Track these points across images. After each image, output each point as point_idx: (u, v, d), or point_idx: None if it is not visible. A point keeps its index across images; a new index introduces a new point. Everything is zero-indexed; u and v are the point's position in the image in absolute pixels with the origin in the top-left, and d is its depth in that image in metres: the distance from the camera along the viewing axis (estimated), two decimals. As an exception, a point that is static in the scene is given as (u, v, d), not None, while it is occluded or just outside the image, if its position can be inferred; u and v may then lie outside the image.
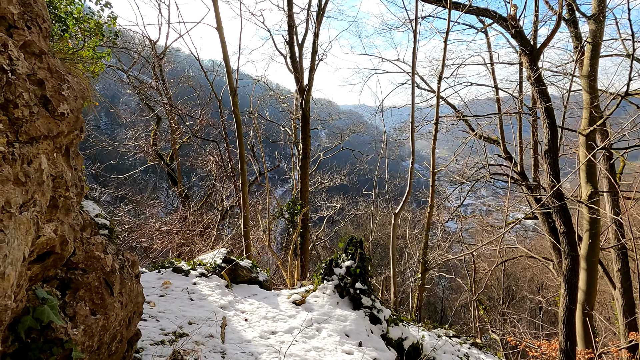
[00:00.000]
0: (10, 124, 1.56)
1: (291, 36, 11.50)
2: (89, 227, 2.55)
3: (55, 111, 1.87)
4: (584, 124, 13.39)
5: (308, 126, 11.35)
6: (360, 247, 6.81)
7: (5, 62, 1.56)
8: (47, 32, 2.02)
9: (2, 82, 1.52)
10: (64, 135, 1.95)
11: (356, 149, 29.01)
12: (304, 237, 10.41)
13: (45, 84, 1.82)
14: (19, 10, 1.77)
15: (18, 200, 1.51)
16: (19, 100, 1.61)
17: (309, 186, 11.93)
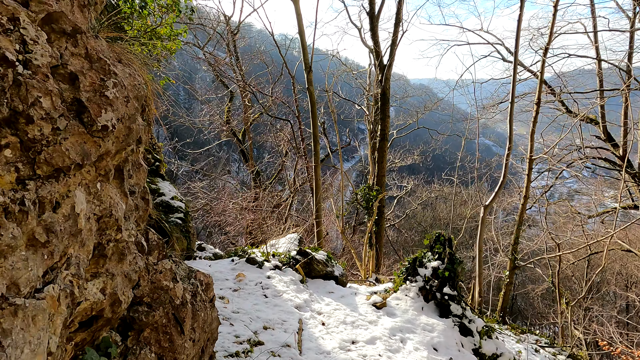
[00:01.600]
0: (22, 149, 1.07)
1: (372, 6, 10.51)
2: (156, 249, 2.12)
3: (93, 124, 1.34)
4: None
5: (387, 105, 10.47)
6: (450, 246, 6.03)
7: (11, 49, 1.05)
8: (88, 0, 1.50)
9: (7, 82, 1.02)
10: (110, 156, 1.46)
11: (429, 126, 27.45)
12: (379, 225, 9.76)
13: (80, 81, 1.30)
14: None
15: (34, 274, 1.03)
16: (35, 110, 1.10)
17: (385, 169, 11.18)
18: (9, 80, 1.03)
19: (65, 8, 1.32)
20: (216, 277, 5.54)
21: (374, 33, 10.71)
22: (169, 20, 9.10)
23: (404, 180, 23.60)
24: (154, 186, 7.11)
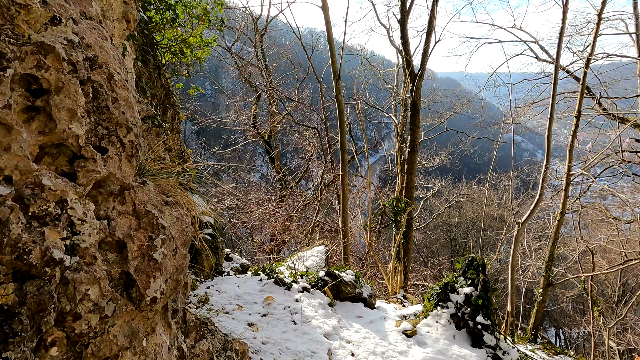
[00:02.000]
0: (68, 344, 1.00)
1: (403, 14, 10.22)
2: (194, 329, 2.07)
3: (142, 299, 1.27)
4: None
5: (418, 116, 10.21)
6: (483, 272, 5.84)
7: (59, 243, 0.99)
8: (136, 146, 1.46)
9: (54, 283, 0.97)
10: (158, 314, 1.40)
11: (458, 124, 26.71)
12: (408, 238, 9.58)
13: (128, 248, 1.26)
14: (87, 127, 1.25)
15: None
16: (83, 305, 1.04)
17: (415, 181, 10.94)
18: (56, 280, 0.99)
19: (114, 167, 1.28)
20: (245, 299, 5.54)
21: (404, 42, 10.43)
22: (199, 29, 9.14)
23: (430, 181, 23.17)
24: (183, 201, 7.18)
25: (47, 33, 1.24)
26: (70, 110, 1.22)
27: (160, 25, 8.80)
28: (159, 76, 8.86)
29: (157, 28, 8.81)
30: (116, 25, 6.43)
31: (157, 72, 8.79)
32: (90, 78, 1.37)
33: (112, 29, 6.39)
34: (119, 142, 1.40)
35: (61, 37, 1.26)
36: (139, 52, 7.62)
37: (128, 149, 1.45)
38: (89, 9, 1.60)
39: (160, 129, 6.93)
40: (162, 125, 6.97)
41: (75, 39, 1.32)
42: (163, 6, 8.49)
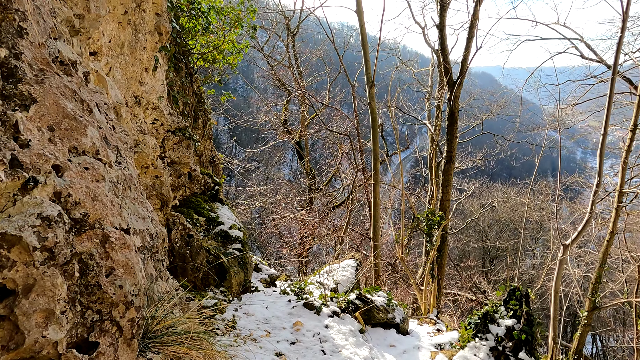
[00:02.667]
0: None
1: (442, 18, 9.69)
2: None
3: None
4: None
5: (455, 126, 9.73)
6: (527, 304, 5.45)
7: None
8: (138, 322, 1.24)
9: None
10: None
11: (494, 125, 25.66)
12: (442, 253, 9.18)
13: None
14: (71, 323, 1.00)
15: None
16: None
17: (450, 193, 10.48)
18: None
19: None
20: (273, 323, 5.39)
21: (443, 48, 9.91)
22: (231, 36, 9.02)
23: (464, 183, 22.42)
24: (213, 214, 7.09)
25: (15, 211, 1.03)
26: (46, 310, 1.01)
27: (193, 33, 8.73)
28: (190, 83, 8.80)
29: (190, 35, 8.75)
30: (148, 39, 6.34)
31: (189, 80, 8.74)
32: (77, 252, 1.17)
33: (145, 42, 6.30)
34: (114, 326, 1.20)
35: (33, 216, 1.05)
36: (171, 61, 7.56)
37: (127, 332, 1.24)
38: (82, 141, 1.34)
39: (191, 141, 6.85)
40: (192, 137, 6.90)
41: (53, 211, 1.10)
42: (195, 13, 8.40)
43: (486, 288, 19.29)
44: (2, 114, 1.01)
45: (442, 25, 9.79)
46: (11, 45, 1.09)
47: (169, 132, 6.69)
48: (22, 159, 1.06)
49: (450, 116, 9.62)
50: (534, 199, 32.38)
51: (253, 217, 21.27)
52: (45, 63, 1.19)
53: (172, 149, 6.71)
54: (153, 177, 5.48)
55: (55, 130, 1.16)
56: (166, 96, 6.87)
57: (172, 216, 5.68)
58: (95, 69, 3.99)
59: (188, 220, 6.37)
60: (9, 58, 1.08)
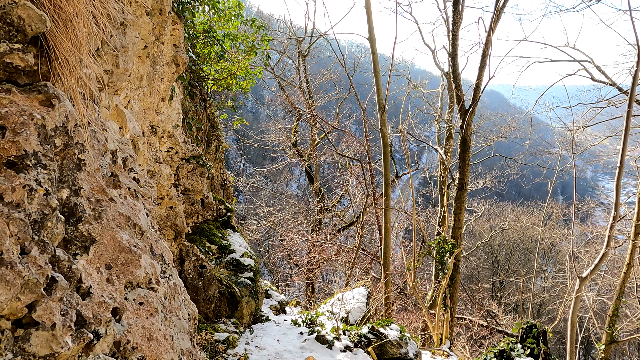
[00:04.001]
0: None
1: (454, 46, 9.76)
2: None
3: None
4: None
5: (468, 153, 9.70)
6: (544, 342, 5.32)
7: None
8: None
9: None
10: None
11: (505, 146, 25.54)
12: (454, 281, 9.03)
13: None
14: None
15: None
16: None
17: (463, 220, 10.39)
18: None
19: None
20: (285, 358, 5.32)
21: (455, 76, 9.95)
22: (244, 63, 9.15)
23: (473, 204, 22.23)
24: (225, 242, 7.08)
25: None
26: None
27: (208, 59, 8.88)
28: (204, 109, 8.91)
29: (205, 61, 8.89)
30: (166, 70, 6.45)
31: (203, 105, 8.85)
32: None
33: (162, 73, 6.41)
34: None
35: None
36: (186, 89, 7.67)
37: None
38: (137, 273, 1.31)
39: (205, 168, 6.90)
40: (206, 164, 6.94)
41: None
42: (211, 41, 8.55)
43: (497, 311, 18.93)
44: (67, 270, 1.02)
45: (454, 53, 9.86)
46: (71, 182, 1.11)
47: (184, 160, 6.74)
48: (85, 313, 1.06)
49: (462, 144, 9.60)
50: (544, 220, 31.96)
51: (262, 237, 21.23)
52: (100, 191, 1.21)
53: (186, 177, 6.76)
54: (168, 208, 5.50)
55: (113, 268, 1.17)
56: (181, 124, 6.95)
57: (185, 247, 5.68)
58: (115, 103, 4.06)
59: (200, 249, 6.37)
60: (69, 197, 1.09)
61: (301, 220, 15.56)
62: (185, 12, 6.52)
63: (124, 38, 2.72)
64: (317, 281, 14.49)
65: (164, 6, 5.66)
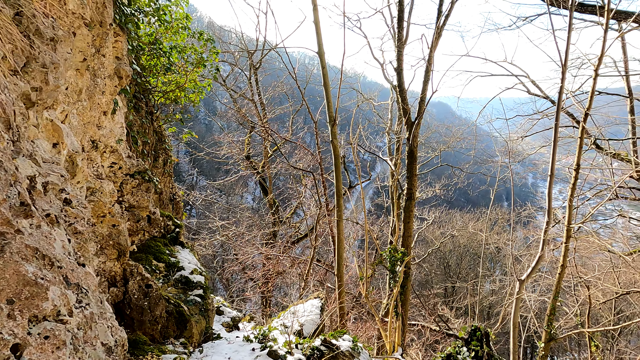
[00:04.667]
0: None
1: (399, 62, 10.16)
2: None
3: None
4: None
5: (415, 164, 10.08)
6: (487, 344, 5.58)
7: None
8: None
9: None
10: None
11: (451, 155, 26.63)
12: (405, 289, 9.28)
13: None
14: None
15: None
16: None
17: (412, 229, 10.73)
18: None
19: None
20: (236, 376, 5.22)
21: (401, 90, 10.35)
22: (192, 75, 9.01)
23: (424, 212, 22.99)
24: (173, 259, 6.86)
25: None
26: None
27: (154, 71, 8.66)
28: (151, 122, 8.66)
29: (151, 74, 8.67)
30: (107, 83, 6.23)
31: (150, 118, 8.60)
32: None
33: (104, 87, 6.19)
34: None
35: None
36: (130, 102, 7.43)
37: None
38: (43, 306, 1.22)
39: (151, 183, 6.68)
40: (152, 180, 6.73)
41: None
42: (157, 53, 8.37)
43: (449, 316, 19.59)
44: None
45: (400, 68, 10.27)
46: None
47: (128, 175, 6.50)
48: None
49: (409, 155, 9.96)
50: (490, 226, 33.63)
51: (216, 252, 20.74)
52: (5, 223, 1.15)
53: (130, 193, 6.51)
54: (110, 227, 5.26)
55: (15, 302, 1.11)
56: (125, 138, 6.71)
57: (129, 266, 5.45)
58: (50, 118, 3.86)
59: (146, 268, 6.13)
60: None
61: (255, 233, 15.38)
62: (129, 24, 6.35)
63: (54, 54, 2.63)
64: (272, 295, 14.31)
65: (104, 18, 5.48)
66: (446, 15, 9.60)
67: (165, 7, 7.90)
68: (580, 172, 8.26)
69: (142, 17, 7.92)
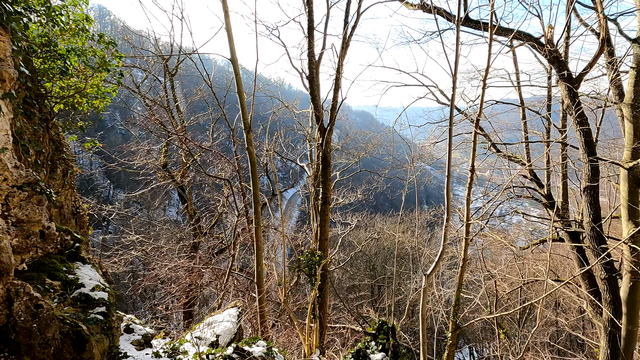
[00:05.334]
0: None
1: (311, 70, 10.46)
2: None
3: None
4: (626, 155, 12.29)
5: (329, 169, 10.37)
6: (394, 337, 5.90)
7: None
8: None
9: None
10: None
11: (372, 162, 27.75)
12: (323, 291, 9.47)
13: None
14: None
15: None
16: None
17: (328, 232, 10.99)
18: None
19: None
20: (140, 394, 4.97)
21: (313, 97, 10.64)
22: (95, 80, 8.50)
23: (347, 217, 23.67)
24: (71, 276, 6.37)
25: None
26: None
27: (49, 75, 8.04)
28: (46, 130, 8.02)
29: (46, 77, 8.04)
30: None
31: (45, 126, 7.96)
32: None
33: (-19, 91, 5.64)
34: None
35: None
36: (19, 107, 6.81)
37: None
38: None
39: (44, 195, 6.16)
40: (45, 191, 6.21)
41: None
42: (52, 55, 7.78)
43: (374, 316, 20.31)
44: None
45: (311, 77, 10.56)
46: None
47: (15, 187, 5.94)
48: None
49: (323, 160, 10.23)
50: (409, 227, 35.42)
51: (136, 267, 19.58)
52: None
53: (18, 207, 5.95)
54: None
55: None
56: (12, 147, 6.14)
57: (14, 286, 4.96)
58: None
59: (37, 287, 5.62)
60: None
61: (174, 246, 14.75)
62: (12, 23, 5.85)
63: None
64: (193, 309, 13.78)
65: (-21, 15, 5.03)
66: (352, 27, 10.09)
67: (59, 8, 7.38)
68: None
69: (34, 17, 7.34)
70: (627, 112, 11.71)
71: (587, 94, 16.07)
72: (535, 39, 11.84)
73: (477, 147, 19.29)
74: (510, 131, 19.87)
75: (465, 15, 11.35)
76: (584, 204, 12.55)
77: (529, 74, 17.36)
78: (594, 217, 11.71)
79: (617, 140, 16.98)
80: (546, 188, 17.47)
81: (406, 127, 20.20)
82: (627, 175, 11.74)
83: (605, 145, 18.20)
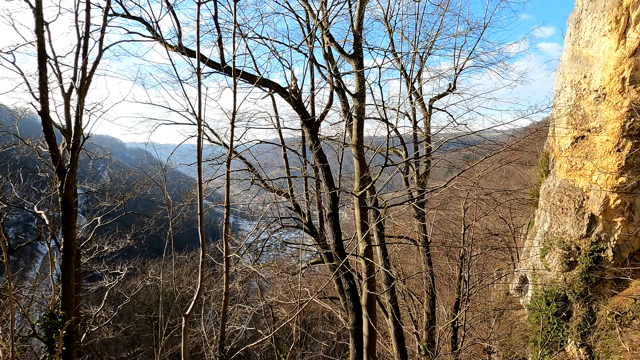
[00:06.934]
0: None
1: (43, 107, 8.95)
2: None
3: None
4: (356, 186, 15.14)
5: (71, 216, 8.99)
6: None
7: None
8: None
9: None
10: None
11: (148, 203, 26.01)
12: (70, 355, 7.90)
13: None
14: None
15: None
16: None
17: (74, 288, 9.38)
18: None
19: None
20: None
21: (48, 135, 9.17)
22: None
23: (117, 266, 21.22)
24: None
25: None
26: None
27: None
28: None
29: None
30: None
31: None
32: None
33: None
34: None
35: None
36: None
37: None
38: None
39: None
40: None
41: None
42: None
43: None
44: None
45: (45, 112, 9.15)
46: None
47: None
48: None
49: (63, 205, 8.88)
50: (193, 267, 34.43)
51: None
52: None
53: None
54: None
55: None
56: None
57: None
58: None
59: None
60: None
61: None
62: None
63: None
64: None
65: None
66: (94, 62, 9.44)
67: None
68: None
69: None
70: (354, 151, 14.55)
71: (329, 136, 19.39)
72: (282, 88, 13.58)
73: (251, 183, 20.44)
74: (276, 167, 21.92)
75: (222, 61, 12.12)
76: (329, 228, 14.78)
77: (290, 116, 19.82)
78: (336, 239, 13.93)
79: (353, 174, 20.90)
80: (307, 217, 19.88)
81: (177, 165, 19.96)
82: (358, 201, 14.45)
83: (350, 177, 22.08)
